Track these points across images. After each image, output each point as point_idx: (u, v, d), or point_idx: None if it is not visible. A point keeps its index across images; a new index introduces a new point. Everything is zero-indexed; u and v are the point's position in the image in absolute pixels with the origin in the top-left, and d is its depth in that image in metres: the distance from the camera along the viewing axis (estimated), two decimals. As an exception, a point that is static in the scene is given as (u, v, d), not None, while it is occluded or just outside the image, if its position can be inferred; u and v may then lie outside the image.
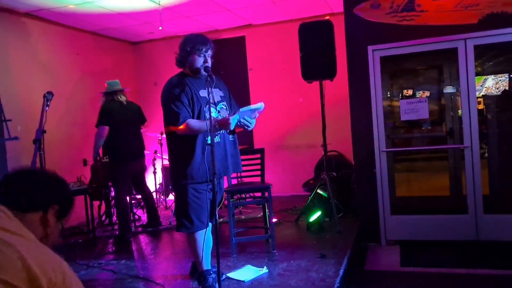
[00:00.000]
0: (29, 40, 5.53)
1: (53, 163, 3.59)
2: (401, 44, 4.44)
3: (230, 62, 6.87)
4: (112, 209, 5.59)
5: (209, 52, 3.04)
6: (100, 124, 4.87)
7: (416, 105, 4.60)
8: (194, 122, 2.94)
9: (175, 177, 3.11)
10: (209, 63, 3.02)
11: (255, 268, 3.53)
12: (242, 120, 2.97)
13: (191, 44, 3.01)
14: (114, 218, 5.41)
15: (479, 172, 4.37)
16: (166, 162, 6.10)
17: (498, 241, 4.32)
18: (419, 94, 5.54)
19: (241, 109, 2.98)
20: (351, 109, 4.81)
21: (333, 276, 3.29)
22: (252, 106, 2.98)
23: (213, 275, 3.06)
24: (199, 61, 2.99)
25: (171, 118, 2.96)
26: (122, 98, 4.98)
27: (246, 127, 3.05)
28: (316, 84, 5.03)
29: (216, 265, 2.66)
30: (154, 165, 6.29)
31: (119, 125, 4.87)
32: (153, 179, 6.41)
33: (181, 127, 2.93)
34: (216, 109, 3.05)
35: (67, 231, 5.32)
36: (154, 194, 6.47)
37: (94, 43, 6.66)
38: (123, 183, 4.95)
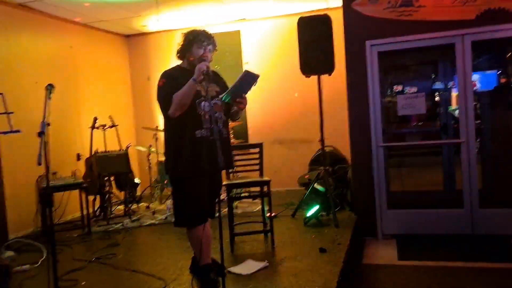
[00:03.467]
0: (21, 32, 5.42)
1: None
2: (399, 39, 4.47)
3: (225, 57, 6.83)
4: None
5: (210, 47, 3.00)
6: None
7: (413, 100, 4.64)
8: (177, 93, 2.83)
9: (171, 171, 3.08)
10: (208, 57, 2.99)
11: (256, 262, 3.53)
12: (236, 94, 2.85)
13: (193, 34, 2.98)
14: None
15: (475, 167, 4.43)
16: (162, 157, 6.06)
17: (493, 234, 4.39)
18: (406, 90, 5.58)
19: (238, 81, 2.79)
20: (349, 103, 4.82)
21: (334, 269, 3.31)
22: (253, 71, 2.78)
23: (216, 269, 3.04)
24: (198, 53, 2.96)
25: (164, 107, 2.91)
26: None
27: (241, 104, 2.93)
28: (310, 78, 5.02)
29: (216, 259, 2.63)
30: (149, 160, 6.24)
31: None
32: (148, 174, 6.38)
33: (172, 109, 2.86)
34: (209, 103, 2.97)
35: (62, 226, 5.27)
36: (148, 189, 6.47)
37: (87, 36, 6.56)
38: None
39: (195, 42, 2.97)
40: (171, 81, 2.96)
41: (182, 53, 3.07)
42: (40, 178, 4.85)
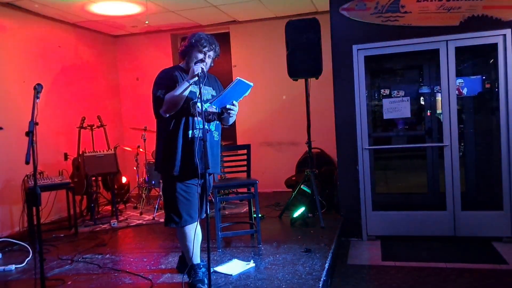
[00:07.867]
0: (9, 31, 5.39)
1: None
2: (386, 44, 4.55)
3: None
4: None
5: (211, 53, 3.03)
6: None
7: (398, 104, 4.72)
8: (170, 93, 2.88)
9: (162, 171, 3.11)
10: (207, 63, 3.02)
11: (242, 262, 3.57)
12: (228, 103, 2.95)
13: (197, 38, 3.00)
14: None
15: (458, 170, 4.52)
16: (150, 158, 6.07)
17: (475, 236, 4.49)
18: (394, 94, 5.66)
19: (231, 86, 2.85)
20: (335, 107, 4.89)
21: (319, 269, 3.36)
22: (245, 81, 2.86)
23: (203, 269, 3.07)
24: (198, 57, 2.99)
25: (155, 104, 2.95)
26: None
27: (231, 111, 3.02)
28: (299, 81, 5.08)
29: (204, 259, 2.66)
30: (136, 160, 6.24)
31: None
32: (135, 174, 6.37)
33: (163, 108, 2.90)
34: (203, 106, 3.01)
35: (48, 226, 5.25)
36: (136, 189, 6.46)
37: (75, 35, 6.54)
38: None
39: (197, 46, 3.00)
40: (166, 80, 2.98)
41: (183, 54, 3.10)
42: (26, 177, 4.83)
